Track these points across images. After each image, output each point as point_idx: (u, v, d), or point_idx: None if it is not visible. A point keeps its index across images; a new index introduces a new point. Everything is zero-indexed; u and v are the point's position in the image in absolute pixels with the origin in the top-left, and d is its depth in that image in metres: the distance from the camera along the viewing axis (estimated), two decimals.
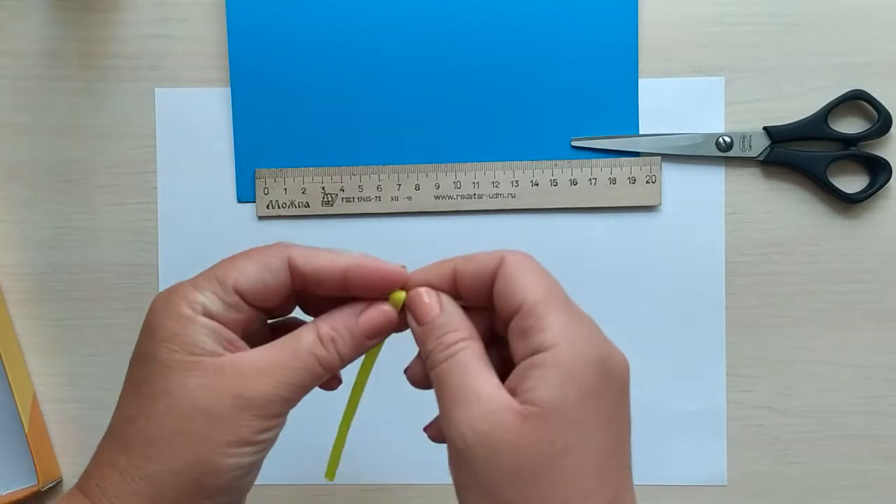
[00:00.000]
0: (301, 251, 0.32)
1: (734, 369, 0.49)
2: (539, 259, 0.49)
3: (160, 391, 0.30)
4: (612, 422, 0.29)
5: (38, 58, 0.50)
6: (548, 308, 0.29)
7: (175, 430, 0.30)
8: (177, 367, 0.30)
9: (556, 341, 0.28)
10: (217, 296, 0.31)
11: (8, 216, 0.51)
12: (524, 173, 0.49)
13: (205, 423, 0.29)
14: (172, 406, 0.30)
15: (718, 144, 0.48)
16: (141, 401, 0.30)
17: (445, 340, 0.30)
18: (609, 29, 0.48)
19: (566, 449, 0.27)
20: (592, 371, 0.28)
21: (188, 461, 0.29)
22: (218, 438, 0.29)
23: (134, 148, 0.50)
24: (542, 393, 0.28)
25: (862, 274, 0.49)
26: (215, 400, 0.30)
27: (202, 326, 0.30)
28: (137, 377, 0.31)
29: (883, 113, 0.47)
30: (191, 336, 0.30)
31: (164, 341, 0.30)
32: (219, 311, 0.31)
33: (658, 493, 0.49)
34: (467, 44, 0.49)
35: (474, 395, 0.28)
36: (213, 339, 0.31)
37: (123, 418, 0.31)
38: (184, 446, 0.29)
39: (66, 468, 0.51)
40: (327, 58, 0.49)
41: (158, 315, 0.31)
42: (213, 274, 0.32)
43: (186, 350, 0.30)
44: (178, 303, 0.31)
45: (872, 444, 0.49)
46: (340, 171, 0.49)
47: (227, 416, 0.30)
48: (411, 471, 0.50)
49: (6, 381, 0.48)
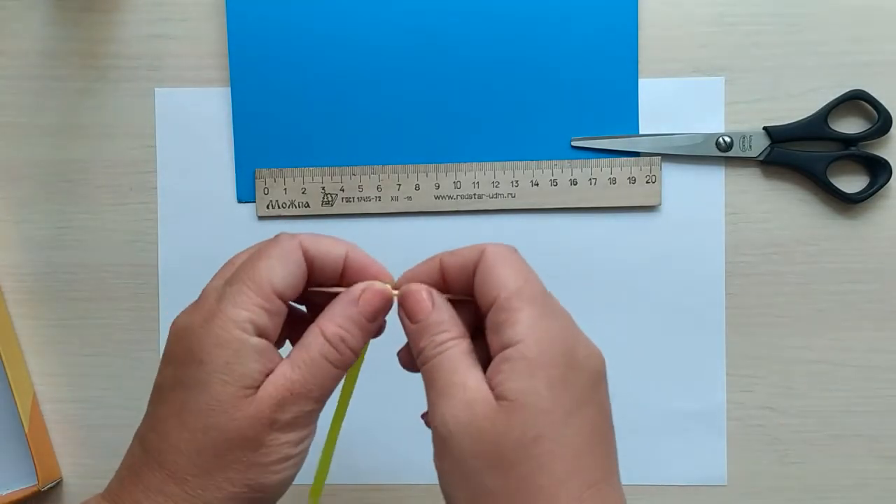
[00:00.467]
0: (307, 237, 0.33)
1: (734, 369, 0.49)
2: (539, 259, 0.49)
3: (210, 426, 0.31)
4: (584, 411, 0.30)
5: (38, 58, 0.50)
6: (519, 302, 0.30)
7: (227, 461, 0.31)
8: (228, 402, 0.31)
9: (524, 336, 0.29)
10: (260, 307, 0.31)
11: (8, 216, 0.51)
12: (524, 173, 0.49)
13: (252, 452, 0.31)
14: (221, 441, 0.31)
15: (718, 144, 0.48)
16: (189, 433, 0.31)
17: (437, 339, 0.31)
18: (609, 29, 0.48)
19: (538, 438, 0.29)
20: (560, 363, 0.29)
21: (242, 485, 0.31)
22: (264, 461, 0.31)
23: (134, 148, 0.50)
24: (511, 385, 0.29)
25: (862, 274, 0.49)
26: (259, 429, 0.31)
27: (253, 351, 0.31)
28: (181, 405, 0.31)
29: (883, 113, 0.47)
30: (243, 366, 0.31)
31: (215, 373, 0.31)
32: (265, 322, 0.31)
33: (658, 493, 0.49)
34: (467, 44, 0.49)
35: (460, 388, 0.30)
36: (261, 364, 0.31)
37: (169, 448, 0.31)
38: (237, 473, 0.31)
39: (66, 468, 0.51)
40: (327, 58, 0.49)
41: (204, 342, 0.31)
42: (245, 286, 0.31)
43: (238, 383, 0.31)
44: (227, 328, 0.31)
45: (872, 444, 0.49)
46: (340, 171, 0.49)
47: (268, 442, 0.31)
48: (411, 471, 0.50)
49: (6, 381, 0.48)
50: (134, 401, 0.50)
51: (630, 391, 0.49)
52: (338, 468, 0.50)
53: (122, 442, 0.51)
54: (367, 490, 0.50)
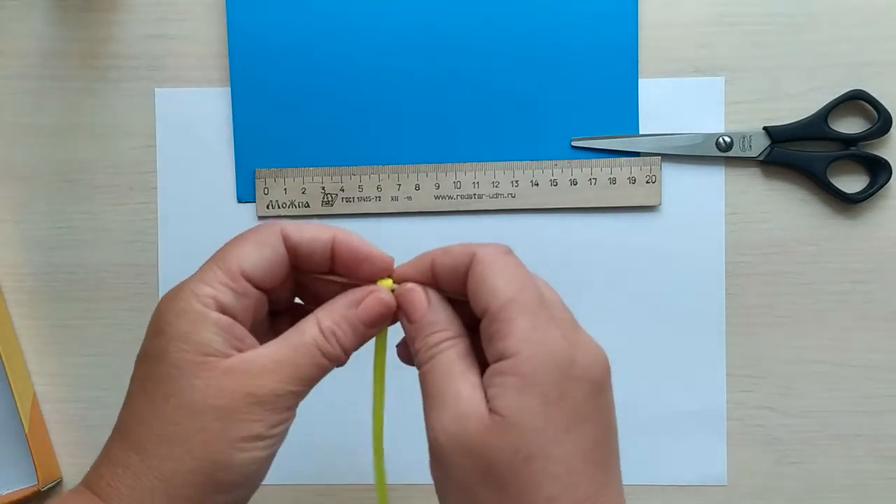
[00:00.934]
0: (290, 224, 0.33)
1: (734, 369, 0.49)
2: (539, 259, 0.49)
3: (169, 392, 0.30)
4: (582, 425, 0.29)
5: (38, 58, 0.50)
6: (512, 313, 0.29)
7: (188, 429, 0.30)
8: (186, 367, 0.30)
9: (517, 349, 0.29)
10: (226, 285, 0.31)
11: (8, 216, 0.51)
12: (524, 173, 0.49)
13: (217, 422, 0.30)
14: (183, 406, 0.30)
15: (718, 144, 0.48)
16: (150, 401, 0.31)
17: (431, 340, 0.31)
18: (609, 29, 0.48)
19: (529, 457, 0.28)
20: (554, 378, 0.28)
21: (203, 459, 0.30)
22: (231, 435, 0.30)
23: (134, 148, 0.50)
24: (503, 401, 0.28)
25: (862, 274, 0.49)
26: (227, 399, 0.30)
27: (213, 324, 0.31)
28: (144, 375, 0.31)
29: (883, 113, 0.47)
30: (200, 335, 0.30)
31: (173, 340, 0.30)
32: (229, 300, 0.31)
33: (658, 493, 0.49)
34: (467, 44, 0.49)
35: (452, 398, 0.29)
36: (223, 337, 0.31)
37: (133, 418, 0.31)
38: (198, 445, 0.30)
39: (66, 468, 0.51)
40: (327, 58, 0.49)
41: (167, 313, 0.31)
42: (215, 264, 0.32)
43: (196, 350, 0.30)
44: (188, 299, 0.31)
45: (872, 444, 0.49)
46: (340, 171, 0.49)
47: (239, 414, 0.30)
48: (411, 471, 0.49)
49: (6, 381, 0.48)
50: None
51: (630, 391, 0.49)
52: (338, 468, 0.50)
53: None
54: (367, 490, 0.50)
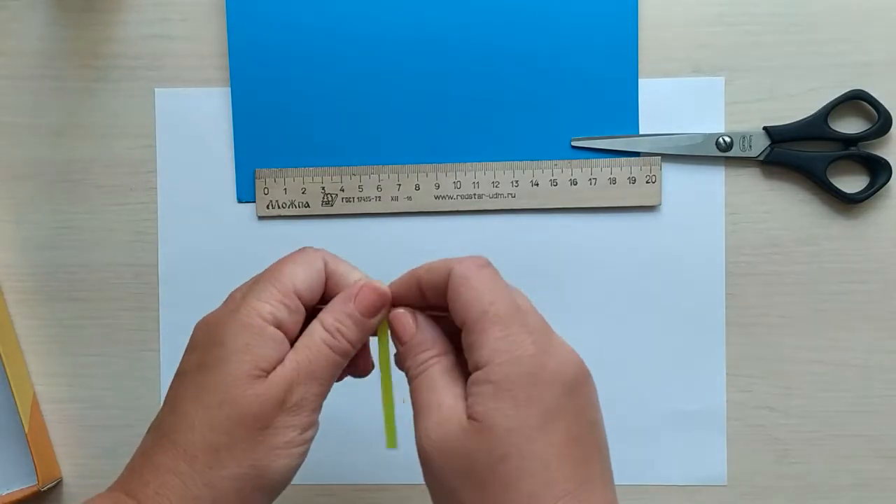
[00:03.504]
0: (329, 254, 0.36)
1: (734, 369, 0.49)
2: (539, 259, 0.49)
3: (224, 401, 0.32)
4: (554, 424, 0.30)
5: (38, 58, 0.50)
6: (484, 325, 0.31)
7: (236, 438, 0.32)
8: (243, 379, 0.32)
9: (489, 359, 0.31)
10: (282, 303, 0.34)
11: (8, 216, 0.51)
12: (524, 173, 0.49)
13: (260, 431, 0.32)
14: (234, 416, 0.32)
15: (718, 144, 0.48)
16: (204, 410, 0.33)
17: (419, 359, 0.33)
18: (609, 29, 0.48)
19: (505, 456, 0.30)
20: (525, 382, 0.30)
21: (248, 466, 0.32)
22: (271, 442, 0.33)
23: (134, 148, 0.50)
24: (479, 408, 0.30)
25: (862, 274, 0.49)
26: (267, 409, 0.32)
27: (270, 339, 0.33)
28: (199, 384, 0.33)
29: (883, 113, 0.47)
30: (260, 348, 0.33)
31: (235, 352, 0.33)
32: (285, 316, 0.34)
33: (658, 493, 0.49)
34: (467, 44, 0.49)
35: (436, 407, 0.32)
36: (275, 352, 0.33)
37: (184, 426, 0.33)
38: (244, 453, 0.32)
39: (66, 468, 0.51)
40: (327, 58, 0.49)
41: (227, 327, 0.33)
42: (269, 284, 0.34)
43: (255, 363, 0.33)
44: (249, 314, 0.33)
45: (872, 444, 0.49)
46: (340, 171, 0.49)
47: (276, 423, 0.33)
48: (411, 471, 0.49)
49: (6, 381, 0.48)
50: (134, 401, 0.50)
51: (630, 391, 0.49)
52: (338, 468, 0.50)
53: (122, 442, 0.51)
54: (367, 490, 0.50)
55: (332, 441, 0.49)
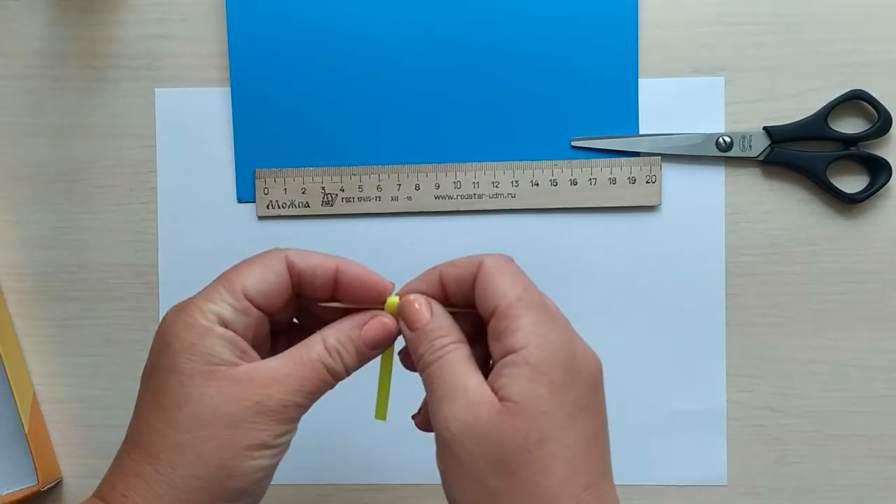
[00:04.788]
0: (295, 251, 0.35)
1: (734, 369, 0.49)
2: (539, 259, 0.49)
3: (181, 400, 0.32)
4: (583, 415, 0.31)
5: (38, 58, 0.50)
6: (519, 311, 0.31)
7: (199, 437, 0.31)
8: (196, 377, 0.32)
9: (526, 342, 0.30)
10: (228, 303, 0.33)
11: (8, 216, 0.51)
12: (524, 173, 0.49)
13: (227, 430, 0.31)
14: (194, 414, 0.31)
15: (718, 144, 0.48)
16: (162, 411, 0.32)
17: (437, 344, 0.32)
18: (609, 29, 0.48)
19: (541, 440, 0.30)
20: (561, 368, 0.30)
21: (213, 466, 0.31)
22: (240, 443, 0.31)
23: (134, 148, 0.50)
24: (514, 389, 0.30)
25: (862, 274, 0.49)
26: (236, 407, 0.32)
27: (218, 337, 0.32)
28: (154, 387, 0.33)
29: (883, 113, 0.47)
30: (207, 346, 0.32)
31: (181, 352, 0.32)
32: (231, 317, 0.33)
33: (658, 493, 0.49)
34: (467, 44, 0.49)
35: (462, 391, 0.31)
36: (229, 349, 0.32)
37: (145, 428, 0.32)
38: (208, 452, 0.31)
39: (66, 468, 0.51)
40: (327, 58, 0.49)
41: (174, 327, 0.33)
42: (219, 283, 0.34)
43: (204, 360, 0.32)
44: (193, 314, 0.33)
45: (872, 444, 0.49)
46: (340, 171, 0.49)
47: (248, 422, 0.32)
48: (411, 471, 0.50)
49: (6, 381, 0.48)
50: (134, 401, 0.50)
51: (630, 391, 0.49)
52: (338, 468, 0.50)
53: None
54: (366, 490, 0.50)
55: (333, 441, 0.49)
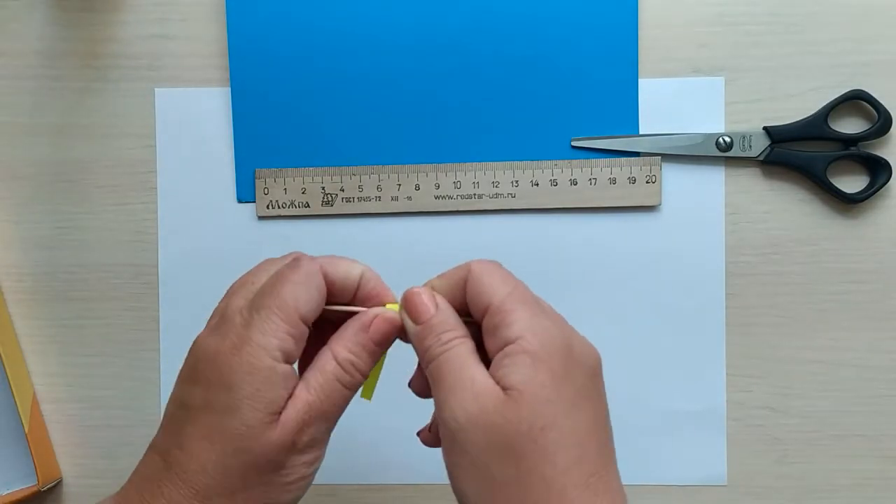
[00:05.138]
0: (325, 260, 0.34)
1: (734, 369, 0.49)
2: (539, 259, 0.49)
3: (239, 449, 0.32)
4: (585, 403, 0.31)
5: (38, 58, 0.50)
6: (513, 304, 0.31)
7: (251, 483, 0.32)
8: (257, 427, 0.32)
9: (522, 332, 0.31)
10: (289, 335, 0.32)
11: (8, 216, 0.51)
12: (524, 173, 0.49)
13: (273, 473, 0.32)
14: (248, 463, 0.32)
15: (718, 144, 0.48)
16: (217, 454, 0.32)
17: (443, 337, 0.32)
18: (609, 29, 0.48)
19: (545, 428, 0.30)
20: (559, 356, 0.31)
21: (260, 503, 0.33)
22: (284, 480, 0.33)
23: (134, 148, 0.50)
24: (516, 377, 0.30)
25: (862, 274, 0.49)
26: (281, 452, 0.32)
27: (281, 378, 0.32)
28: (210, 426, 0.32)
29: (883, 113, 0.47)
30: (272, 393, 0.32)
31: (246, 399, 0.32)
32: (292, 348, 0.33)
33: (658, 493, 0.49)
34: (467, 44, 0.49)
35: (469, 382, 0.31)
36: (287, 388, 0.32)
37: (197, 468, 0.32)
38: (258, 493, 0.32)
39: (66, 468, 0.51)
40: (327, 58, 0.49)
41: (235, 369, 0.32)
42: (272, 313, 0.32)
43: (267, 409, 0.32)
44: (258, 355, 0.32)
45: (872, 444, 0.49)
46: (340, 171, 0.49)
47: (288, 464, 0.33)
48: (411, 471, 0.50)
49: (6, 381, 0.48)
50: (134, 401, 0.50)
51: (630, 391, 0.49)
52: (338, 468, 0.50)
53: (122, 442, 0.51)
54: (367, 490, 0.50)
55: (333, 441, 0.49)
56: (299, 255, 0.35)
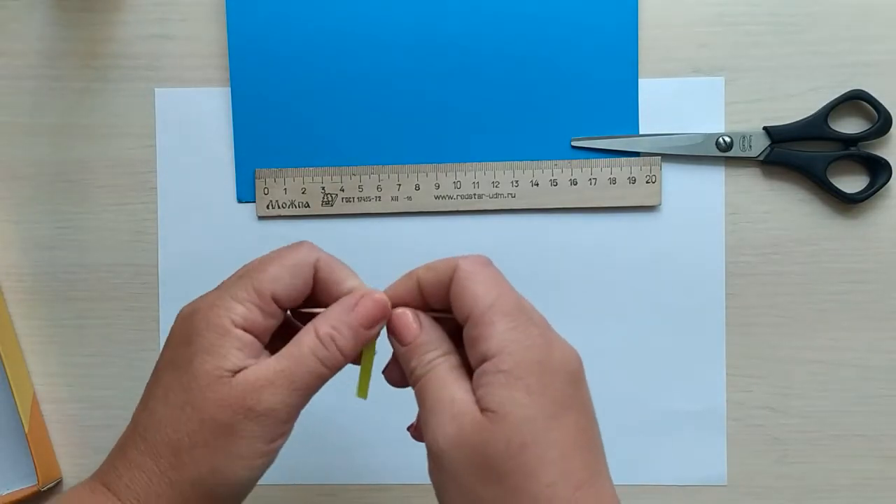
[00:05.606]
0: (326, 259, 0.34)
1: (734, 369, 0.49)
2: (539, 259, 0.49)
3: (186, 402, 0.32)
4: (566, 414, 0.31)
5: (38, 58, 0.50)
6: (493, 317, 0.31)
7: (197, 441, 0.32)
8: (203, 380, 0.32)
9: (499, 349, 0.31)
10: (255, 304, 0.33)
11: (8, 216, 0.51)
12: (524, 173, 0.49)
13: (222, 437, 0.32)
14: (195, 419, 0.32)
15: (718, 144, 0.48)
16: (170, 409, 0.32)
17: (425, 358, 0.33)
18: (609, 29, 0.48)
19: (524, 445, 0.29)
20: (535, 371, 0.30)
21: (208, 470, 0.32)
22: (233, 450, 0.32)
23: (134, 148, 0.50)
24: (492, 398, 0.30)
25: (862, 274, 0.49)
26: (229, 414, 0.31)
27: (237, 339, 0.32)
28: (167, 382, 0.33)
29: (883, 113, 0.47)
30: (225, 349, 0.32)
31: (198, 352, 0.32)
32: (257, 319, 0.33)
33: (658, 493, 0.49)
34: (467, 44, 0.49)
35: (448, 403, 0.31)
36: (243, 353, 0.32)
37: (153, 423, 0.33)
38: (204, 457, 0.32)
39: (66, 468, 0.51)
40: (327, 58, 0.49)
41: (196, 323, 0.33)
42: (249, 283, 0.33)
43: (217, 364, 0.32)
44: (218, 314, 0.32)
45: (872, 444, 0.49)
46: (340, 171, 0.49)
47: (240, 430, 0.32)
48: (411, 471, 0.50)
49: (6, 381, 0.48)
50: (134, 401, 0.50)
51: (630, 391, 0.49)
52: (338, 468, 0.50)
53: None
54: (367, 490, 0.50)
55: (334, 441, 0.49)
56: (305, 242, 0.35)
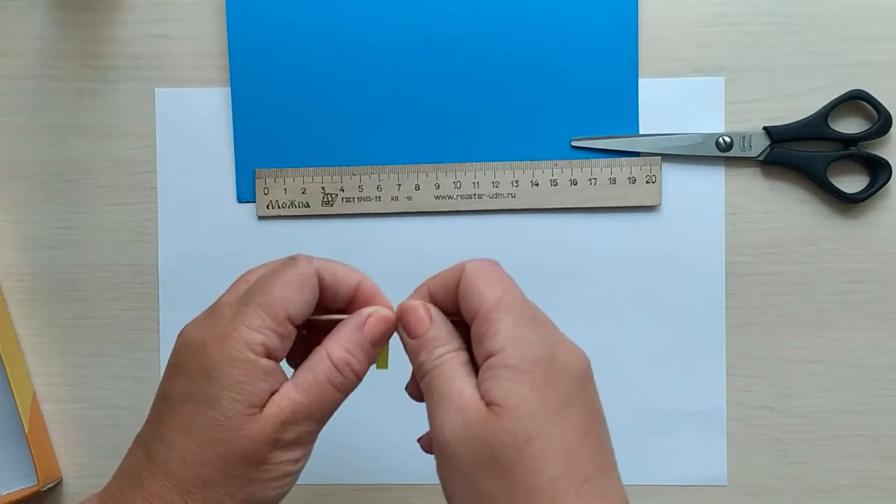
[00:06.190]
0: (323, 264, 0.34)
1: (734, 369, 0.49)
2: (539, 259, 0.49)
3: (218, 440, 0.32)
4: (571, 411, 0.31)
5: (38, 58, 0.50)
6: (499, 314, 0.31)
7: (231, 476, 0.32)
8: (236, 419, 0.32)
9: (504, 345, 0.31)
10: (274, 331, 0.32)
11: (8, 216, 0.51)
12: (524, 173, 0.49)
13: (253, 468, 0.32)
14: (227, 455, 0.32)
15: (718, 144, 0.48)
16: (195, 445, 0.32)
17: (435, 353, 0.33)
18: (609, 29, 0.48)
19: (528, 439, 0.30)
20: (541, 367, 0.31)
21: (241, 499, 0.32)
22: (265, 476, 0.32)
23: (134, 148, 0.50)
24: (497, 392, 0.30)
25: (862, 274, 0.49)
26: (259, 447, 0.32)
27: (262, 372, 0.32)
28: (189, 416, 0.32)
29: (883, 113, 0.47)
30: (253, 385, 0.32)
31: (225, 390, 0.32)
32: (277, 345, 0.33)
33: (658, 493, 0.49)
34: (467, 44, 0.49)
35: (455, 397, 0.31)
36: (269, 383, 0.32)
37: (175, 458, 0.32)
38: (238, 488, 0.32)
39: (66, 468, 0.51)
40: (327, 58, 0.49)
41: (216, 359, 0.32)
42: (259, 308, 0.32)
43: (247, 401, 0.32)
44: (239, 347, 0.32)
45: (872, 444, 0.49)
46: (340, 171, 0.49)
47: (270, 459, 0.32)
48: (411, 471, 0.50)
49: (6, 381, 0.48)
50: (134, 401, 0.50)
51: (630, 391, 0.49)
52: (338, 468, 0.50)
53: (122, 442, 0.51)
54: (367, 490, 0.50)
55: (334, 441, 0.49)
56: (299, 255, 0.35)
